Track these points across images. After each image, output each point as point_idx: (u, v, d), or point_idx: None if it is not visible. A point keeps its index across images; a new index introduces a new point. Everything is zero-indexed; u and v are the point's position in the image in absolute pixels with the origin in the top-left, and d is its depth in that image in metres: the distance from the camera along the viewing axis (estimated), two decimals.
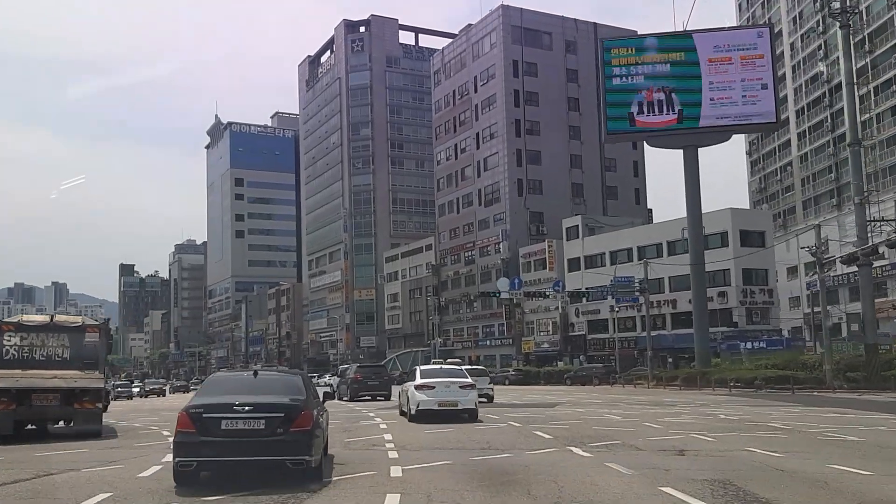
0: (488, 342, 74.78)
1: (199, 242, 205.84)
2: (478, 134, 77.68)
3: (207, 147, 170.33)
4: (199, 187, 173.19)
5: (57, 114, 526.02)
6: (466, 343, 77.57)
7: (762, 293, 55.95)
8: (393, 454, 11.70)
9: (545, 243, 67.89)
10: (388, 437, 14.39)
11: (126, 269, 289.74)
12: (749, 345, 46.08)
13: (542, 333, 68.69)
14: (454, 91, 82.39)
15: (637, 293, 45.46)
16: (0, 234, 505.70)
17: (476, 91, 78.38)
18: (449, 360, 71.02)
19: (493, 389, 29.55)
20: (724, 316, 53.74)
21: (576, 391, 40.32)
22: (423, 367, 20.63)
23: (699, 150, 42.92)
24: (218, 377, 10.48)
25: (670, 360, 49.30)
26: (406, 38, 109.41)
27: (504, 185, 73.83)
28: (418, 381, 18.59)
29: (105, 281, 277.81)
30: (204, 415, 8.66)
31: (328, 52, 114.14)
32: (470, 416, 18.09)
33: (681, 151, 42.86)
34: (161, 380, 73.01)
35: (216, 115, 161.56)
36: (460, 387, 18.25)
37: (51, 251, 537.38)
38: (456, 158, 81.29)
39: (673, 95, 41.06)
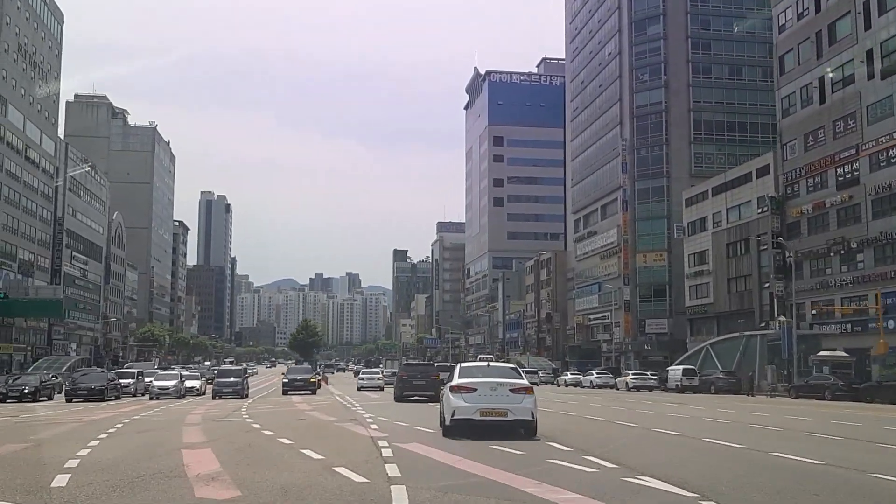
0: (892, 322, 40.53)
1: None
2: None
3: (466, 108, 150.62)
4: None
5: (357, 124, 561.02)
6: (842, 325, 44.04)
7: None
8: None
9: None
10: None
11: (399, 255, 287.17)
12: None
13: None
14: None
15: None
16: (306, 231, 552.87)
17: None
18: (822, 352, 38.37)
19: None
20: None
21: None
22: (463, 365, 15.66)
23: None
24: None
25: None
26: None
27: None
28: (455, 380, 13.79)
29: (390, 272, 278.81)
30: None
31: None
32: (526, 430, 13.20)
33: None
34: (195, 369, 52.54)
35: (475, 68, 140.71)
36: (511, 390, 13.32)
37: (347, 246, 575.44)
38: (816, 11, 47.64)
39: None
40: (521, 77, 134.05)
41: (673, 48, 72.74)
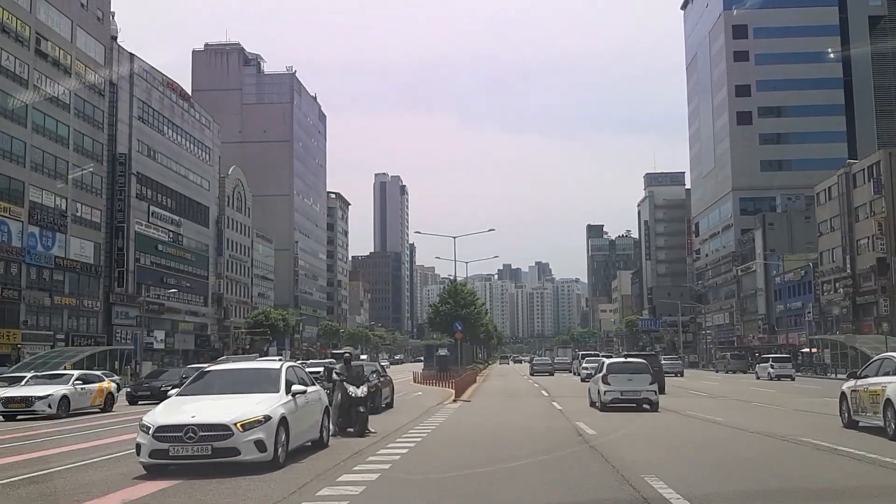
0: None
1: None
2: None
3: (683, 6, 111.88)
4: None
5: (539, 115, 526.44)
6: None
7: None
8: None
9: None
10: None
11: (593, 231, 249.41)
12: None
13: None
14: None
15: None
16: (497, 224, 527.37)
17: None
18: None
19: (656, 393, 19.18)
20: None
21: None
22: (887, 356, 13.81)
23: None
24: None
25: None
26: None
27: None
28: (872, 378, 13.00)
29: (582, 262, 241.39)
30: None
31: None
32: None
33: None
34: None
35: None
36: None
37: (535, 237, 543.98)
38: None
39: None
40: None
41: None
